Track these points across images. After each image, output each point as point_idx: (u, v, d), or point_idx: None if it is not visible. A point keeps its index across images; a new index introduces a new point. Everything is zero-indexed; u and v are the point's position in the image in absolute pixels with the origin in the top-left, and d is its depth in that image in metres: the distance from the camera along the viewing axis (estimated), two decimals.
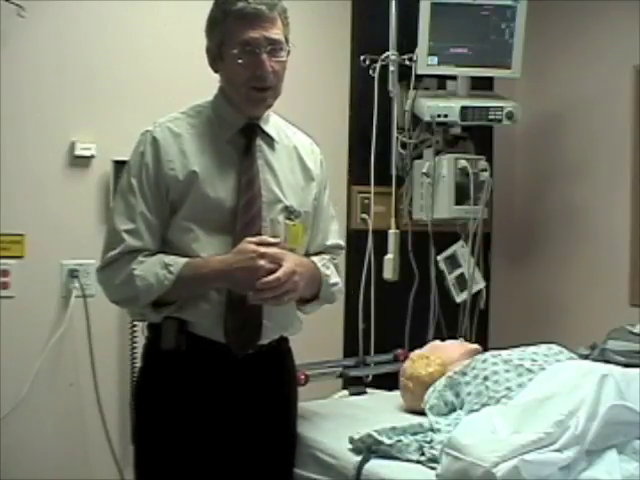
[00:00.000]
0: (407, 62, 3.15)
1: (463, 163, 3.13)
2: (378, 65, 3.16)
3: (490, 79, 3.39)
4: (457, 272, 3.25)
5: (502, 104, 3.15)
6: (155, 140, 1.91)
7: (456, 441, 1.70)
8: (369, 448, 1.89)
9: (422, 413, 2.11)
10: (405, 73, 3.17)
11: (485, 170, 3.15)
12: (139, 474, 2.00)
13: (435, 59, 3.10)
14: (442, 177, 3.14)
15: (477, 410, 1.94)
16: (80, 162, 2.81)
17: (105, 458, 2.84)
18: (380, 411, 2.27)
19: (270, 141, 2.01)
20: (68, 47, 2.78)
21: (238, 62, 1.88)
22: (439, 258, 3.27)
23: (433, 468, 1.78)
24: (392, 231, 3.18)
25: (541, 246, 3.52)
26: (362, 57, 3.20)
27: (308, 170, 2.06)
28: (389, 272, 3.17)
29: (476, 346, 2.35)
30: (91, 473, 2.82)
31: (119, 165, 2.63)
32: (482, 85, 3.32)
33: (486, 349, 2.30)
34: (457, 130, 3.23)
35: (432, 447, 1.87)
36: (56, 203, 2.78)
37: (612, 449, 1.70)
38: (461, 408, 2.04)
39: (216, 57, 1.94)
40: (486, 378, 2.02)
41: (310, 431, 2.10)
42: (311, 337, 2.23)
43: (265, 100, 1.95)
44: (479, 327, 3.31)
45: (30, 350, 2.71)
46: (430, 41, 3.08)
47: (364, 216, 3.28)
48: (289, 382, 2.10)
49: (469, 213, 3.15)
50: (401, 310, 3.24)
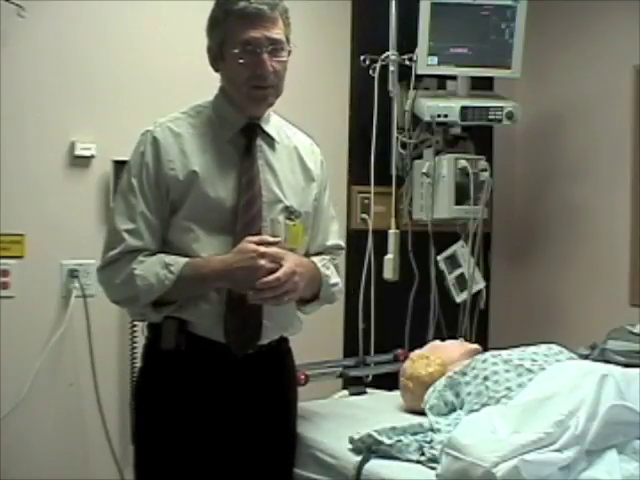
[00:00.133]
0: (407, 62, 3.15)
1: (463, 163, 3.13)
2: (378, 65, 3.16)
3: (490, 79, 3.39)
4: (457, 272, 3.25)
5: (502, 104, 3.15)
6: (155, 140, 1.91)
7: (456, 441, 1.70)
8: (369, 448, 1.89)
9: (422, 413, 2.11)
10: (405, 73, 3.17)
11: (485, 170, 3.15)
12: (139, 474, 2.00)
13: (435, 59, 3.10)
14: (442, 177, 3.14)
15: (477, 410, 1.94)
16: (80, 162, 2.81)
17: (105, 458, 2.84)
18: (380, 411, 2.27)
19: (271, 141, 2.01)
20: (68, 47, 2.78)
21: (239, 62, 1.88)
22: (439, 258, 3.27)
23: (433, 468, 1.78)
24: (392, 231, 3.18)
25: (541, 246, 3.52)
26: (362, 57, 3.20)
27: (308, 170, 2.06)
28: (389, 272, 3.17)
29: (476, 346, 2.35)
30: (91, 473, 2.82)
31: (119, 165, 2.63)
32: (482, 85, 3.32)
33: (486, 349, 2.30)
34: (457, 130, 3.23)
35: (432, 447, 1.87)
36: (56, 203, 2.78)
37: (612, 449, 1.70)
38: (461, 408, 2.04)
39: (217, 56, 1.94)
40: (486, 378, 2.02)
41: (310, 431, 2.10)
42: (311, 337, 2.23)
43: (266, 98, 1.95)
44: (479, 327, 3.31)
45: (30, 350, 2.71)
46: (430, 41, 3.08)
47: (364, 216, 3.28)
48: (289, 382, 2.10)
49: (469, 213, 3.15)
50: (401, 310, 3.24)
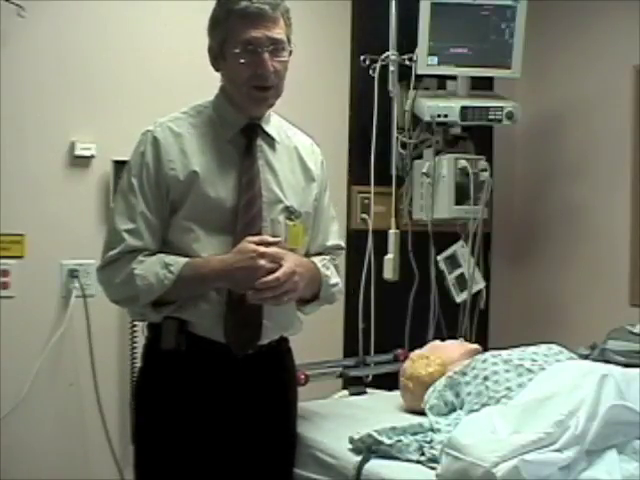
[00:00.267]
0: (407, 62, 3.15)
1: (463, 163, 3.13)
2: (378, 65, 3.16)
3: (490, 79, 3.39)
4: (457, 272, 3.25)
5: (502, 104, 3.15)
6: (156, 140, 1.91)
7: (456, 441, 1.70)
8: (369, 448, 1.89)
9: (422, 413, 2.11)
10: (405, 73, 3.17)
11: (485, 170, 3.15)
12: (139, 474, 2.00)
13: (435, 59, 3.10)
14: (442, 177, 3.14)
15: (477, 410, 1.94)
16: (80, 162, 2.81)
17: (105, 458, 2.84)
18: (380, 411, 2.27)
19: (271, 141, 2.01)
20: (68, 47, 2.78)
21: (240, 61, 1.88)
22: (439, 258, 3.27)
23: (433, 468, 1.78)
24: (392, 231, 3.18)
25: (541, 246, 3.52)
26: (362, 57, 3.20)
27: (309, 170, 2.06)
28: (389, 272, 3.17)
29: (476, 346, 2.35)
30: (91, 473, 2.82)
31: (119, 165, 2.63)
32: (482, 85, 3.32)
33: (486, 349, 2.30)
34: (457, 130, 3.23)
35: (432, 447, 1.87)
36: (56, 203, 2.78)
37: (612, 449, 1.70)
38: (461, 408, 2.04)
39: (218, 56, 1.94)
40: (486, 378, 2.02)
41: (310, 431, 2.10)
42: (311, 337, 2.23)
43: (267, 99, 1.95)
44: (479, 327, 3.31)
45: (30, 350, 2.71)
46: (430, 41, 3.08)
47: (364, 216, 3.28)
48: (289, 382, 2.10)
49: (469, 213, 3.15)
50: (401, 310, 3.24)
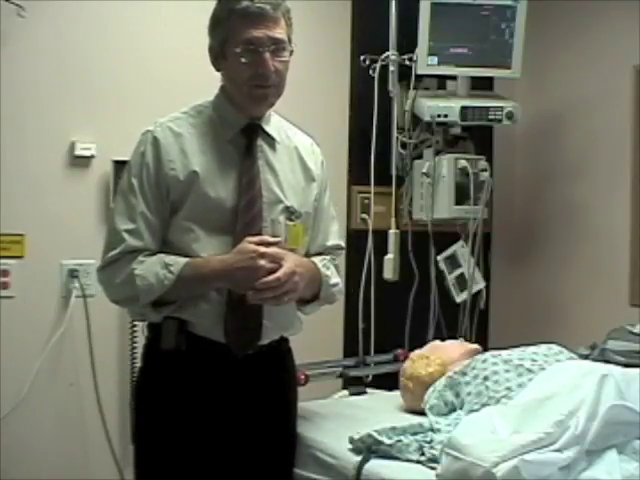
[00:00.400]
0: (407, 62, 3.15)
1: (463, 163, 3.13)
2: (378, 65, 3.16)
3: (490, 79, 3.39)
4: (457, 272, 3.25)
5: (502, 104, 3.15)
6: (156, 140, 1.91)
7: (456, 441, 1.70)
8: (369, 448, 1.89)
9: (422, 413, 2.11)
10: (405, 73, 3.17)
11: (485, 170, 3.15)
12: (139, 474, 2.00)
13: (435, 59, 3.10)
14: (442, 177, 3.14)
15: (477, 410, 1.94)
16: (80, 162, 2.81)
17: (105, 458, 2.84)
18: (380, 411, 2.27)
19: (271, 141, 2.00)
20: (68, 47, 2.78)
21: (241, 61, 1.87)
22: (439, 258, 3.27)
23: (433, 468, 1.78)
24: (392, 231, 3.18)
25: (541, 246, 3.52)
26: (362, 57, 3.20)
27: (309, 170, 2.06)
28: (389, 272, 3.17)
29: (476, 346, 2.35)
30: (91, 473, 2.82)
31: (119, 165, 2.63)
32: (482, 85, 3.32)
33: (486, 349, 2.30)
34: (457, 130, 3.23)
35: (432, 447, 1.87)
36: (56, 203, 2.78)
37: (612, 449, 1.70)
38: (461, 408, 2.04)
39: (218, 56, 1.94)
40: (486, 378, 2.02)
41: (310, 431, 2.10)
42: (311, 337, 2.22)
43: (267, 98, 1.95)
44: (479, 327, 3.31)
45: (30, 350, 2.71)
46: (430, 41, 3.08)
47: (364, 216, 3.28)
48: (289, 382, 2.10)
49: (469, 213, 3.15)
50: (401, 310, 3.24)
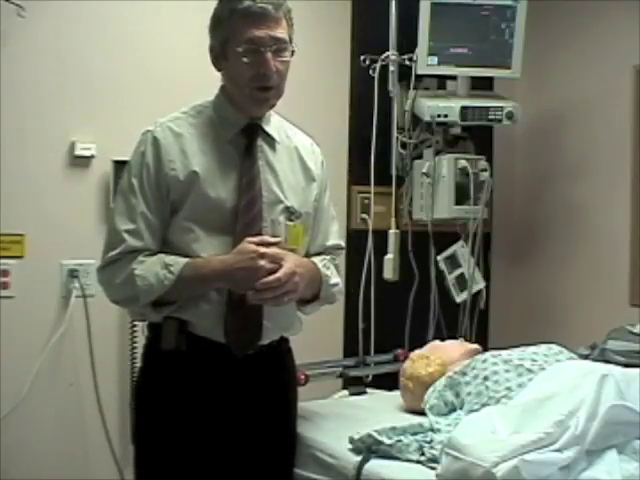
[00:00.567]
0: (407, 62, 3.15)
1: (463, 163, 3.13)
2: (378, 65, 3.16)
3: (490, 79, 3.39)
4: (457, 272, 3.25)
5: (502, 104, 3.15)
6: (156, 140, 1.91)
7: (456, 441, 1.71)
8: (369, 448, 1.89)
9: (422, 413, 2.11)
10: (405, 73, 3.17)
11: (485, 170, 3.15)
12: (139, 474, 2.00)
13: (435, 59, 3.10)
14: (442, 177, 3.14)
15: (477, 410, 1.94)
16: (80, 162, 2.81)
17: (105, 458, 2.84)
18: (380, 411, 2.27)
19: (271, 141, 2.00)
20: (68, 47, 2.78)
21: (243, 60, 1.87)
22: (439, 258, 3.27)
23: (433, 468, 1.78)
24: (392, 231, 3.18)
25: (541, 246, 3.52)
26: (362, 57, 3.20)
27: (309, 170, 2.06)
28: (389, 272, 3.17)
29: (476, 346, 2.35)
30: (91, 473, 2.82)
31: (119, 165, 2.63)
32: (482, 85, 3.32)
33: (486, 349, 2.30)
34: (457, 130, 3.23)
35: (432, 447, 1.87)
36: (56, 203, 2.78)
37: (612, 449, 1.70)
38: (461, 408, 2.04)
39: (219, 56, 1.94)
40: (486, 378, 2.02)
41: (310, 431, 2.10)
42: (311, 337, 2.22)
43: (268, 100, 1.95)
44: (479, 327, 3.31)
45: (30, 350, 2.71)
46: (430, 41, 3.08)
47: (364, 216, 3.28)
48: (289, 382, 2.10)
49: (469, 213, 3.15)
50: (401, 310, 3.24)
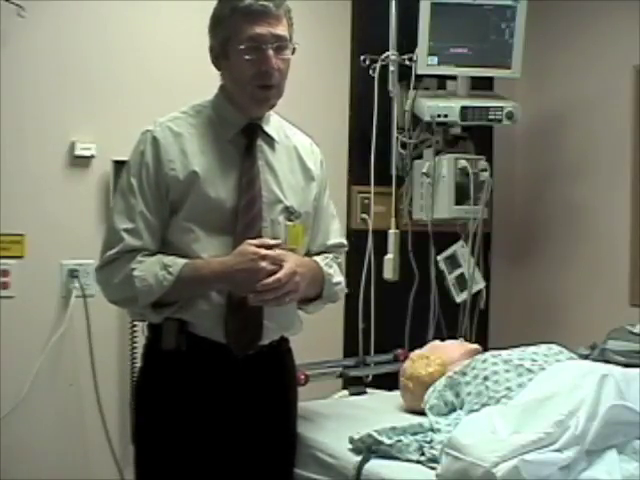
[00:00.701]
0: (407, 62, 3.16)
1: (463, 163, 3.13)
2: (378, 65, 3.16)
3: (490, 79, 3.39)
4: (457, 272, 3.25)
5: (502, 104, 3.15)
6: (155, 139, 1.90)
7: (456, 441, 1.70)
8: (369, 448, 1.89)
9: (422, 413, 2.11)
10: (405, 73, 3.17)
11: (485, 170, 3.15)
12: (139, 474, 2.00)
13: (435, 59, 3.10)
14: (442, 177, 3.14)
15: (477, 410, 1.94)
16: (80, 162, 2.81)
17: (105, 458, 2.84)
18: (380, 411, 2.27)
19: (271, 141, 2.00)
20: (68, 47, 2.78)
21: (244, 58, 1.87)
22: (439, 258, 3.27)
23: (433, 468, 1.78)
24: (392, 231, 3.18)
25: (541, 246, 3.52)
26: (362, 57, 3.20)
27: (308, 170, 2.05)
28: (389, 272, 3.17)
29: (476, 346, 2.35)
30: (91, 473, 2.82)
31: (119, 165, 2.62)
32: (482, 85, 3.32)
33: (486, 349, 2.30)
34: (457, 130, 3.23)
35: (432, 447, 1.87)
36: (56, 203, 2.78)
37: (612, 449, 1.70)
38: (461, 408, 2.04)
39: (220, 55, 1.94)
40: (486, 378, 2.02)
41: (310, 431, 2.10)
42: (311, 337, 2.22)
43: (269, 100, 1.95)
44: (479, 327, 3.31)
45: (30, 350, 2.71)
46: (430, 41, 3.08)
47: (364, 216, 3.28)
48: (289, 382, 2.10)
49: (469, 213, 3.15)
50: (401, 310, 3.24)
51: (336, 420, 2.19)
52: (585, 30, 3.30)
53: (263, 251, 1.83)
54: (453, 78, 3.23)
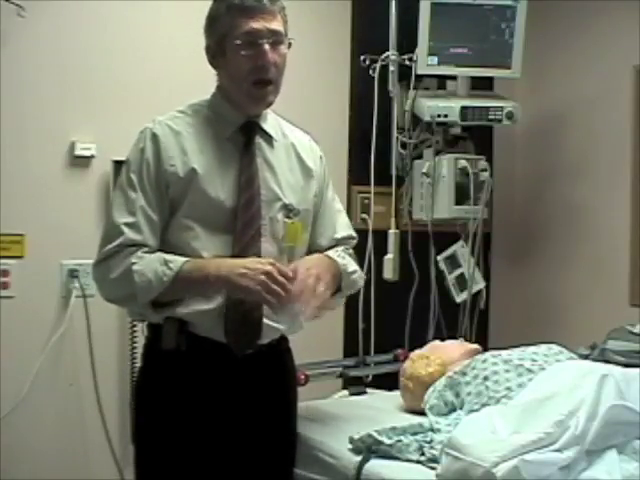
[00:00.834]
0: (407, 62, 3.16)
1: (463, 163, 3.13)
2: (378, 65, 3.16)
3: (490, 79, 3.39)
4: (457, 272, 3.25)
5: (502, 104, 3.15)
6: (155, 136, 1.90)
7: (456, 441, 1.70)
8: (369, 448, 1.89)
9: (422, 413, 2.11)
10: (405, 73, 3.17)
11: (485, 170, 3.15)
12: (139, 474, 2.00)
13: (435, 59, 3.10)
14: (442, 177, 3.14)
15: (477, 410, 1.94)
16: (80, 162, 2.81)
17: (105, 458, 2.84)
18: (380, 411, 2.27)
19: (269, 139, 2.00)
20: (68, 47, 2.78)
21: (241, 53, 1.88)
22: (439, 258, 3.27)
23: (433, 468, 1.78)
24: (392, 231, 3.18)
25: (541, 246, 3.52)
26: (362, 57, 3.20)
27: (307, 168, 2.05)
28: (389, 272, 3.17)
29: (476, 346, 2.35)
30: (91, 473, 2.82)
31: (119, 165, 2.60)
32: (482, 85, 3.32)
33: (486, 349, 2.30)
34: (457, 130, 3.23)
35: (432, 447, 1.86)
36: (56, 203, 2.78)
37: (612, 449, 1.70)
38: (461, 408, 2.04)
39: (216, 53, 1.94)
40: (486, 378, 2.02)
41: (310, 431, 2.10)
42: (311, 337, 2.22)
43: (266, 97, 1.94)
44: (479, 327, 3.31)
45: (30, 350, 2.71)
46: (430, 41, 3.08)
47: (364, 216, 3.28)
48: (289, 382, 2.10)
49: (469, 213, 3.15)
50: (401, 310, 3.24)
51: (336, 420, 2.19)
52: (585, 30, 3.30)
53: (270, 268, 1.79)
54: (453, 78, 3.23)
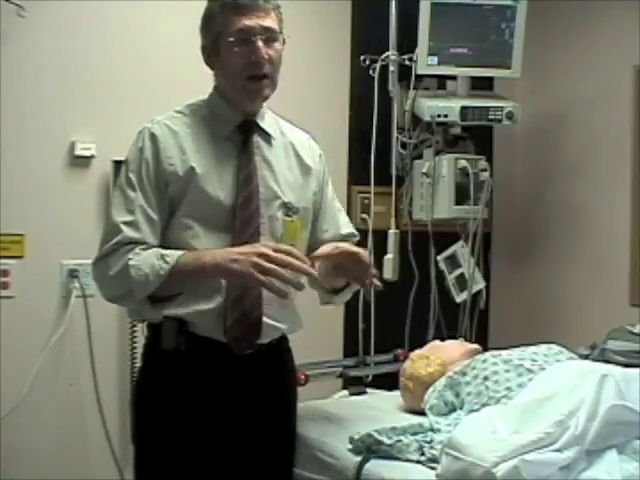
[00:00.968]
0: (407, 62, 3.16)
1: (463, 163, 3.13)
2: (378, 65, 3.16)
3: (490, 79, 3.39)
4: (457, 272, 3.26)
5: (502, 104, 3.15)
6: (154, 136, 1.90)
7: (456, 441, 1.70)
8: (369, 448, 1.89)
9: (422, 413, 2.11)
10: (405, 73, 3.18)
11: (485, 170, 3.15)
12: (139, 474, 2.00)
13: (435, 59, 3.10)
14: (442, 177, 3.14)
15: (477, 410, 1.94)
16: (80, 162, 2.81)
17: (105, 458, 2.84)
18: (380, 411, 2.27)
19: (267, 137, 2.00)
20: (68, 47, 2.78)
21: (234, 50, 1.89)
22: (439, 258, 3.27)
23: (433, 468, 1.78)
24: (392, 231, 3.18)
25: (541, 246, 3.52)
26: (362, 57, 3.20)
27: (305, 165, 2.05)
28: (389, 272, 3.17)
29: (476, 346, 2.35)
30: (91, 473, 2.83)
31: (119, 165, 2.59)
32: (482, 85, 3.32)
33: (486, 349, 2.30)
34: (457, 130, 3.23)
35: (432, 447, 1.86)
36: (56, 203, 2.78)
37: (612, 449, 1.70)
38: (461, 408, 2.04)
39: (212, 52, 1.95)
40: (486, 378, 2.02)
41: (310, 431, 2.10)
42: (311, 337, 2.23)
43: (261, 91, 1.94)
44: (479, 327, 3.31)
45: (30, 350, 2.71)
46: (430, 41, 3.08)
47: (364, 216, 3.28)
48: (289, 382, 2.10)
49: (469, 213, 3.15)
50: (401, 310, 3.24)
51: (336, 420, 2.18)
52: (585, 30, 3.30)
53: (268, 251, 1.77)
54: (453, 78, 3.23)
